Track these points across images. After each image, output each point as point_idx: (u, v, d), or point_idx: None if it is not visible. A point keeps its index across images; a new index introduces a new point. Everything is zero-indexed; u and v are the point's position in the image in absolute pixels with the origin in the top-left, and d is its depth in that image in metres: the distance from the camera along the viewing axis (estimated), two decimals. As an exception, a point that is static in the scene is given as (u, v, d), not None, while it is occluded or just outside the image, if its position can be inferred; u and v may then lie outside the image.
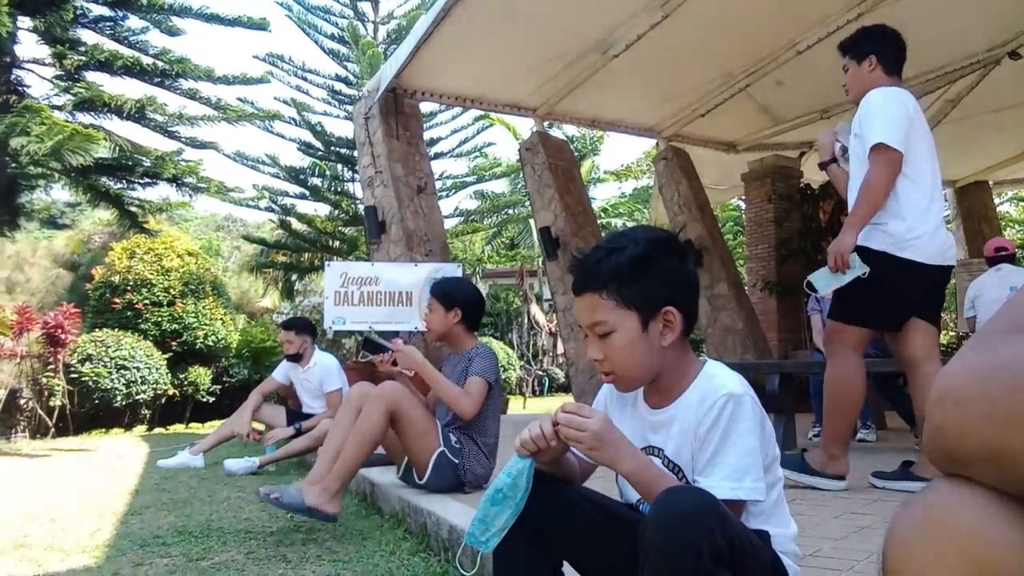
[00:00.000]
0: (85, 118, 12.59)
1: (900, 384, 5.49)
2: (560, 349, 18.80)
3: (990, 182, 13.23)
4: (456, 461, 3.26)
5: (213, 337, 11.75)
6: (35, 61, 12.63)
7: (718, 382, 1.43)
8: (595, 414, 1.36)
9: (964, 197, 13.02)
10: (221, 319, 12.05)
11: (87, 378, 9.72)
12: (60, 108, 12.18)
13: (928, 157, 3.26)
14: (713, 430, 1.37)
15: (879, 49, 3.38)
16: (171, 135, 13.68)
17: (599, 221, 12.89)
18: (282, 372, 5.94)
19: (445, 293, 3.48)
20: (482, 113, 16.56)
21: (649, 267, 1.44)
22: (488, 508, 1.43)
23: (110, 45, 12.90)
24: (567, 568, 1.56)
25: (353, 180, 16.82)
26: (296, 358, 5.77)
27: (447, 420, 3.39)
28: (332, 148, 16.82)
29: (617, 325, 1.43)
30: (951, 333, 12.64)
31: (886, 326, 3.38)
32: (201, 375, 11.52)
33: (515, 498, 1.42)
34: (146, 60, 12.91)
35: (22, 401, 9.39)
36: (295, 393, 6.05)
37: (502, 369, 13.47)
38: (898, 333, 3.31)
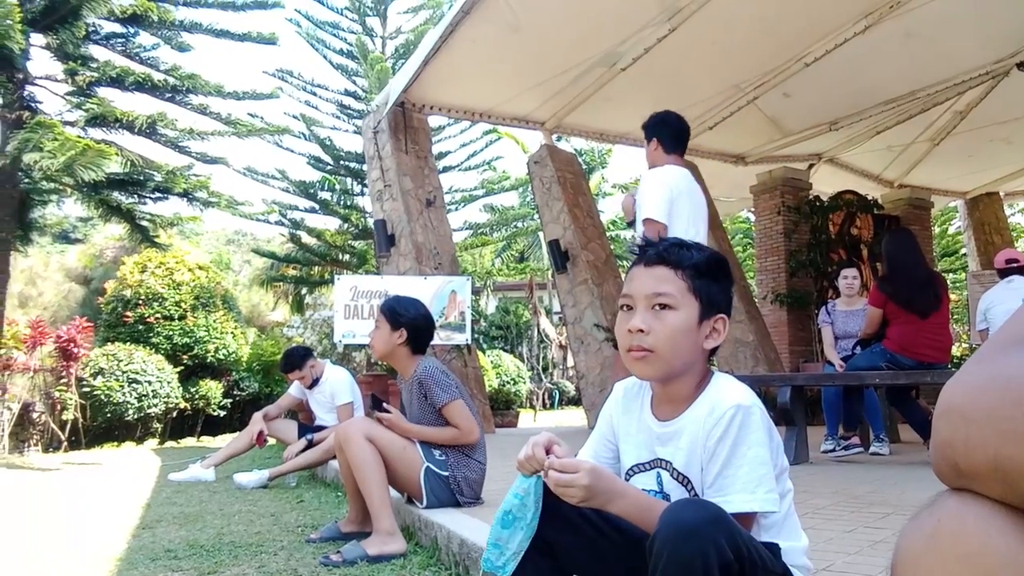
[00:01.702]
0: (97, 133, 12.66)
1: (912, 396, 5.47)
2: (570, 362, 18.78)
3: (1001, 193, 13.18)
4: (445, 474, 3.24)
5: (224, 351, 11.79)
6: (48, 77, 12.73)
7: (726, 394, 1.43)
8: (581, 467, 1.33)
9: (975, 208, 12.98)
10: (232, 333, 12.09)
11: (99, 392, 9.77)
12: (72, 124, 12.27)
13: (686, 218, 3.91)
14: (722, 442, 1.37)
15: (659, 133, 4.12)
16: (182, 150, 13.75)
17: (608, 234, 12.90)
18: (297, 387, 5.96)
19: (393, 311, 3.35)
20: (490, 127, 16.61)
21: (721, 274, 1.50)
22: (500, 531, 1.42)
23: (121, 61, 13.00)
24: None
25: (362, 194, 16.87)
26: (314, 383, 5.80)
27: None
28: (341, 162, 16.89)
29: (680, 305, 1.44)
30: (964, 345, 12.56)
31: None
32: (212, 389, 11.55)
33: (526, 519, 1.41)
34: (157, 76, 12.99)
35: (35, 415, 9.44)
36: (307, 407, 6.07)
37: (512, 382, 13.50)
38: None
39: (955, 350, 10.63)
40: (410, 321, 3.34)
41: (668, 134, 4.17)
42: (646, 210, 3.85)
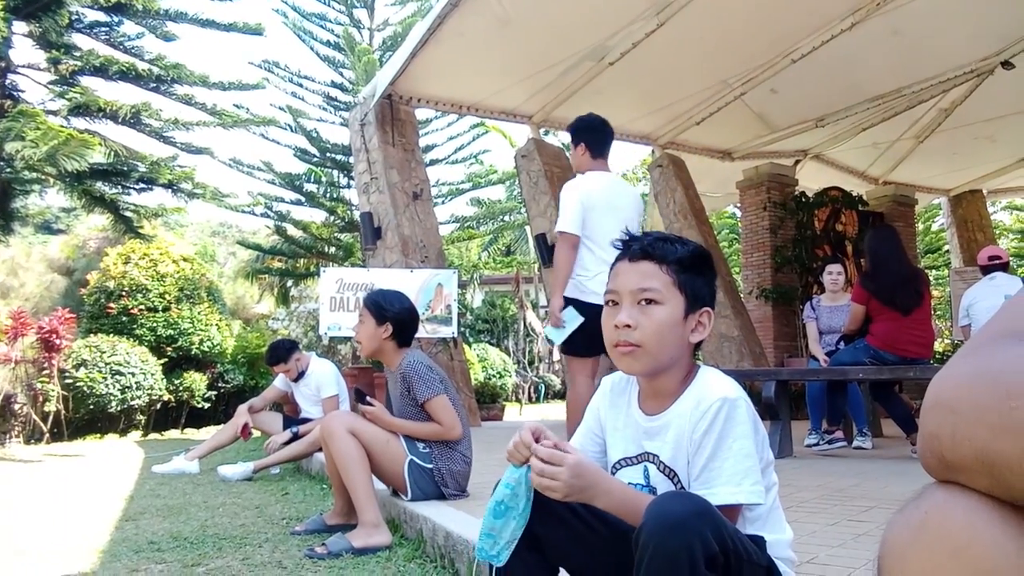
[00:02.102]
0: (80, 123, 12.57)
1: (895, 391, 5.51)
2: (556, 356, 18.81)
3: (984, 191, 13.28)
4: (429, 466, 3.24)
5: (208, 343, 11.72)
6: (30, 66, 12.61)
7: (712, 387, 1.44)
8: (565, 461, 1.31)
9: (958, 205, 13.08)
10: (216, 325, 12.02)
11: (82, 383, 9.69)
12: (55, 113, 12.17)
13: (606, 222, 4.07)
14: (708, 434, 1.38)
15: (586, 138, 4.31)
16: (166, 140, 13.66)
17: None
18: (283, 380, 5.94)
19: (378, 305, 3.33)
20: (478, 120, 16.58)
21: (704, 267, 1.51)
22: (492, 521, 1.42)
23: (105, 50, 12.89)
24: (563, 574, 1.56)
25: (349, 186, 16.80)
26: (300, 376, 5.79)
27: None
28: (328, 154, 16.81)
29: (666, 300, 1.44)
30: (946, 341, 12.66)
31: (593, 352, 4.09)
32: (196, 381, 11.49)
33: (517, 508, 1.41)
34: (141, 65, 12.90)
35: (16, 406, 9.35)
36: (292, 400, 6.05)
37: (498, 376, 13.49)
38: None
39: (937, 346, 10.72)
40: (395, 315, 3.33)
41: (595, 139, 4.33)
42: (559, 223, 4.12)
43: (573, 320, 4.03)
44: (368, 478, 3.06)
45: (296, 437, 5.35)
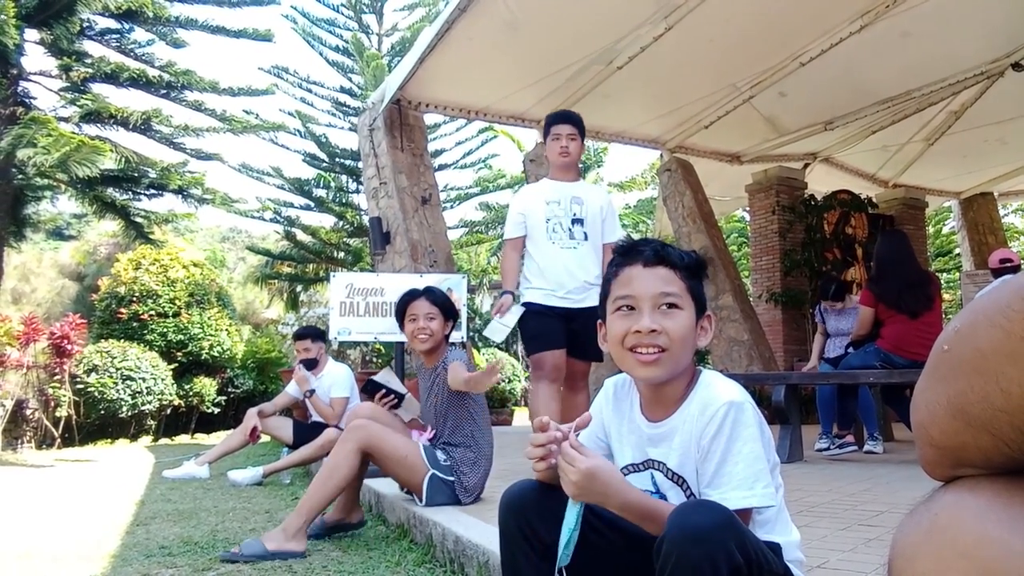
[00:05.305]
0: (91, 130, 12.63)
1: (906, 395, 5.48)
2: (564, 360, 18.72)
3: (995, 193, 13.22)
4: (451, 479, 3.23)
5: (218, 348, 11.77)
6: (42, 73, 12.69)
7: (717, 391, 1.43)
8: (577, 461, 1.32)
9: (969, 208, 13.01)
10: (226, 330, 12.08)
11: (93, 389, 9.74)
12: (67, 120, 12.24)
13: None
14: (716, 439, 1.37)
15: None
16: (177, 146, 13.73)
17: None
18: (294, 387, 5.92)
19: (446, 303, 3.45)
20: (486, 125, 16.61)
21: (704, 274, 1.54)
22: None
23: (116, 57, 12.97)
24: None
25: (358, 191, 16.87)
26: (313, 364, 5.79)
27: (432, 437, 3.37)
28: (337, 159, 16.88)
29: (684, 305, 1.46)
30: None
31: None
32: (206, 386, 11.53)
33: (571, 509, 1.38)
34: (152, 72, 12.98)
35: (28, 412, 9.41)
36: (303, 404, 6.05)
37: (507, 381, 13.50)
38: None
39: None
40: (455, 311, 3.53)
41: None
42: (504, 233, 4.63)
43: (515, 313, 4.40)
44: (327, 499, 3.05)
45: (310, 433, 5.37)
